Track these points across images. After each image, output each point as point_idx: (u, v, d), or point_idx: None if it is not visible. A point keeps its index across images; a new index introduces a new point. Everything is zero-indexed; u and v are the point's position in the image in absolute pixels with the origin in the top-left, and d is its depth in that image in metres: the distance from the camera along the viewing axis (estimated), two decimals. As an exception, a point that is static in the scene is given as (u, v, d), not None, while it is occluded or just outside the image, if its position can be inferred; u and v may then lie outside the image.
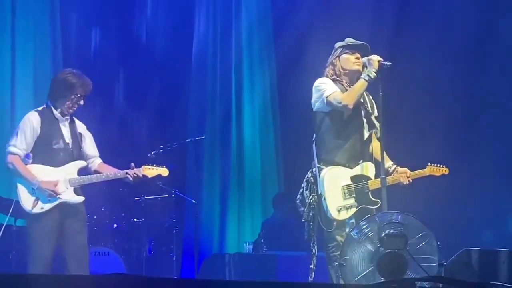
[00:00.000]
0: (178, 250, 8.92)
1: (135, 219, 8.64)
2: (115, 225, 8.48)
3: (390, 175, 5.89)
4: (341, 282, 5.33)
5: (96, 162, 6.45)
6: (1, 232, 6.53)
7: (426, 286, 3.99)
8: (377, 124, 5.87)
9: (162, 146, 7.55)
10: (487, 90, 9.42)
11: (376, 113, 5.91)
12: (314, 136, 5.92)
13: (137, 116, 10.36)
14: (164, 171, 6.55)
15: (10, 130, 8.97)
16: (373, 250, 5.36)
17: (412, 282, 3.84)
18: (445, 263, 5.35)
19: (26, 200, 6.09)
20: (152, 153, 7.12)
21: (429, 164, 6.07)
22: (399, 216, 5.39)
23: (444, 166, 6.11)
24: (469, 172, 8.70)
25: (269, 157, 10.77)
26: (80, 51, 9.75)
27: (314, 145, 5.88)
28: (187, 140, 8.85)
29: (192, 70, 10.78)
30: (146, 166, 6.43)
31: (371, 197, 5.75)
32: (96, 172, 6.36)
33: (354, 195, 5.75)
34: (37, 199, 6.07)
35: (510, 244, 7.13)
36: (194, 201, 9.39)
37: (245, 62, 10.86)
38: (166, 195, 8.55)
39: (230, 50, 10.78)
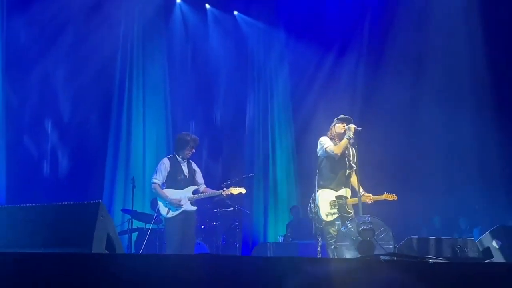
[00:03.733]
0: (239, 241, 8.59)
1: (214, 223, 8.38)
2: (202, 226, 8.24)
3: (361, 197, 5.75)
4: (336, 257, 5.29)
5: (203, 186, 6.44)
6: (148, 233, 6.81)
7: (386, 258, 3.99)
8: (354, 166, 5.82)
9: (229, 180, 7.59)
10: (420, 146, 9.69)
11: (355, 160, 5.89)
12: (317, 171, 5.85)
13: (213, 162, 10.20)
14: (243, 190, 6.42)
15: (143, 171, 9.30)
16: (354, 238, 5.32)
17: (378, 256, 3.81)
18: (397, 246, 5.16)
19: (163, 209, 6.21)
20: (223, 184, 7.14)
21: (385, 192, 5.83)
22: (369, 218, 5.39)
23: (395, 194, 5.85)
24: (408, 193, 8.63)
25: (291, 184, 10.71)
26: (180, 126, 9.67)
27: (316, 176, 5.79)
28: (243, 176, 8.68)
29: (246, 134, 10.76)
30: (232, 188, 6.36)
31: (347, 209, 5.68)
32: (203, 192, 6.38)
33: (337, 207, 5.63)
34: (169, 209, 6.15)
35: (435, 234, 7.08)
36: (248, 212, 9.13)
37: (276, 128, 10.93)
38: (232, 208, 8.09)
39: (267, 121, 10.84)
